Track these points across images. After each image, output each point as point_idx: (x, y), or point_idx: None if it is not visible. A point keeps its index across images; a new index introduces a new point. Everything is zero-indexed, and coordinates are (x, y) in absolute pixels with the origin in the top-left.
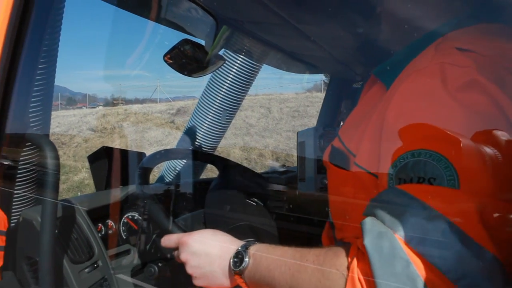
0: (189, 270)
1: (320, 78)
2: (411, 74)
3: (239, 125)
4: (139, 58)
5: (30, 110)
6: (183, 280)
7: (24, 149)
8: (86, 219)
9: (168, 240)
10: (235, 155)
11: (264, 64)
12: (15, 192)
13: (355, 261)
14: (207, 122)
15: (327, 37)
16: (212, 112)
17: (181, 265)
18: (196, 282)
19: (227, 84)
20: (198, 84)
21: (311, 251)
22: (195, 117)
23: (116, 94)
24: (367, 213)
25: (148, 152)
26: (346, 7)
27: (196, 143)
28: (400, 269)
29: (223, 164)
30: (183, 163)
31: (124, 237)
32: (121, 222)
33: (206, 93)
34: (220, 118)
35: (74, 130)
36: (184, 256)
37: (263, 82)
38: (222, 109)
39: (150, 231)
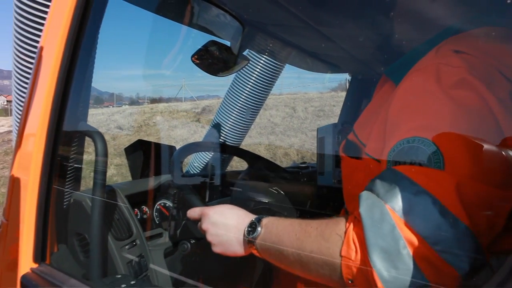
0: (209, 237)
1: (345, 77)
2: (413, 73)
3: (264, 124)
4: (166, 59)
5: (80, 108)
6: (211, 258)
7: (75, 140)
8: (126, 202)
9: (193, 212)
10: (260, 154)
11: (287, 64)
12: (68, 177)
13: (351, 226)
14: (231, 120)
15: (346, 38)
16: (237, 110)
17: (209, 244)
18: (214, 248)
19: (250, 83)
20: (222, 83)
21: (316, 220)
22: (220, 115)
23: (141, 93)
24: (366, 189)
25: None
26: (364, 9)
27: (221, 139)
28: (387, 232)
29: (252, 156)
30: (211, 156)
31: (157, 222)
32: (154, 208)
33: (231, 92)
34: (243, 115)
35: (102, 128)
36: (205, 225)
37: (287, 81)
38: (246, 107)
39: (180, 217)
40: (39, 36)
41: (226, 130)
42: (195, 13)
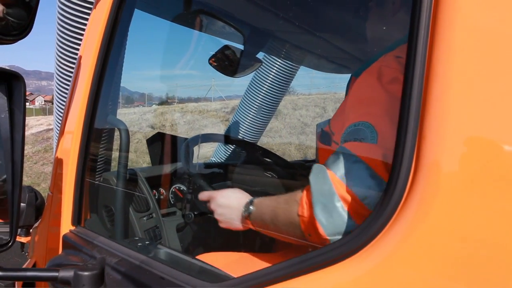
0: (216, 216)
1: None
2: (364, 73)
3: (294, 124)
4: (194, 60)
5: (110, 106)
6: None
7: (106, 131)
8: (145, 183)
9: (203, 195)
10: (291, 154)
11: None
12: (99, 161)
13: (304, 192)
14: (249, 118)
15: (345, 41)
16: (253, 109)
17: (209, 218)
18: (220, 225)
19: (267, 84)
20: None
21: (289, 193)
22: (238, 113)
23: (171, 93)
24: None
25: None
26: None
27: (239, 135)
28: (326, 191)
29: (250, 146)
30: (221, 147)
31: (172, 202)
32: (170, 190)
33: (249, 92)
34: (260, 114)
35: (135, 127)
36: (212, 206)
37: (317, 82)
38: (262, 107)
39: (192, 198)
40: (78, 44)
41: (243, 127)
42: (204, 25)
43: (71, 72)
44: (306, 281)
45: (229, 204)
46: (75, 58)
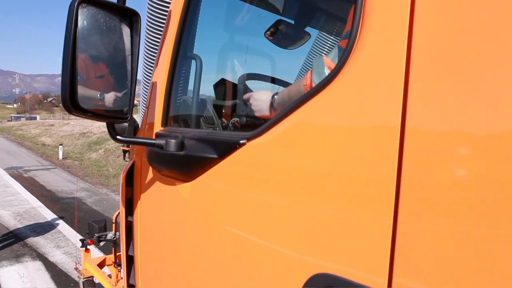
0: (252, 107)
1: None
2: None
3: None
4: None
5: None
6: None
7: (184, 66)
8: (211, 106)
9: (245, 95)
10: None
11: None
12: (180, 86)
13: (309, 72)
14: None
15: None
16: None
17: None
18: (255, 114)
19: None
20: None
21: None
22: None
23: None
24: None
25: None
26: None
27: None
28: (320, 65)
29: None
30: None
31: (231, 129)
32: (230, 122)
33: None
34: None
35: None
36: (250, 101)
37: None
38: None
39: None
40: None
41: None
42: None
43: (158, 40)
44: (306, 106)
45: (261, 98)
46: (162, 26)
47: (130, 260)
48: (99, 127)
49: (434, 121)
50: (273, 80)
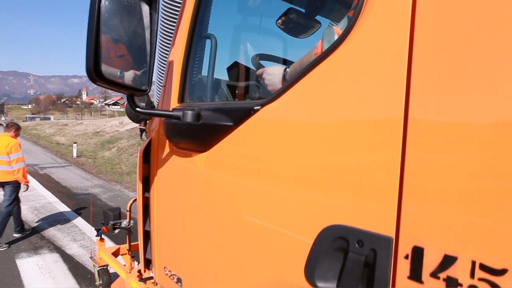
0: (266, 81)
1: None
2: None
3: None
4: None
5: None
6: None
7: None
8: (226, 88)
9: (258, 71)
10: None
11: None
12: (195, 66)
13: (320, 41)
14: None
15: None
16: None
17: None
18: (268, 88)
19: None
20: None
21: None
22: None
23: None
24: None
25: None
26: None
27: None
28: (330, 33)
29: None
30: None
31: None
32: (245, 95)
33: None
34: None
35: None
36: (264, 75)
37: None
38: None
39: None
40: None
41: None
42: None
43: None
44: (316, 70)
45: (274, 72)
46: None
47: (147, 235)
48: (112, 126)
49: (437, 82)
50: (285, 62)
